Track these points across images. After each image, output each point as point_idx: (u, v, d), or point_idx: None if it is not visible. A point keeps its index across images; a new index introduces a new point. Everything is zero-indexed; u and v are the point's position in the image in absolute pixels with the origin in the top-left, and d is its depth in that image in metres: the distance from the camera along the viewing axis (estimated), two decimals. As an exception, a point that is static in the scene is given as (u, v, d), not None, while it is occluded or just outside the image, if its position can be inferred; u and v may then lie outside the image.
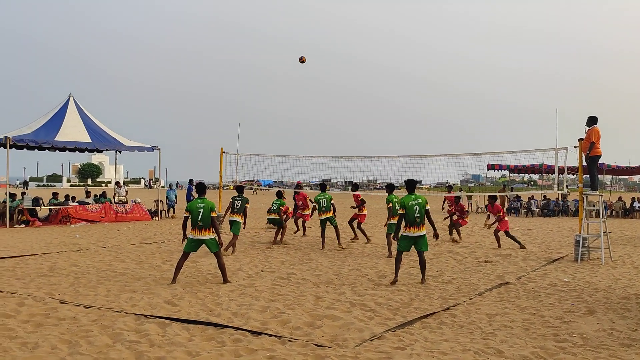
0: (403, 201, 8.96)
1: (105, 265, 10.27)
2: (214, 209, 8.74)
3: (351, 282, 8.96)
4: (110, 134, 21.81)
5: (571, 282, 9.19)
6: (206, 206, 8.66)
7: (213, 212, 8.69)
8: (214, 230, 8.74)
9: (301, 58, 14.78)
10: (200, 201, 8.74)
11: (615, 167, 31.35)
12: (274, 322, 6.30)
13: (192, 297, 7.55)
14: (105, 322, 6.17)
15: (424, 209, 8.86)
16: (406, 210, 8.85)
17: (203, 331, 5.92)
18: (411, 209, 8.81)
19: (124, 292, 7.82)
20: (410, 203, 8.85)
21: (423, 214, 8.85)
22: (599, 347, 5.51)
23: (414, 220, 8.80)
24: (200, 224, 8.64)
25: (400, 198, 9.27)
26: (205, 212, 8.62)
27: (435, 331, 6.08)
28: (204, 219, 8.62)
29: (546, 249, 13.66)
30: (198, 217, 8.62)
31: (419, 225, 8.81)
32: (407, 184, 9.29)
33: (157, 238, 15.33)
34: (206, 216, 8.62)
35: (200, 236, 8.68)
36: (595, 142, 11.66)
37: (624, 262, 11.54)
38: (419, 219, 8.81)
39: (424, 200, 8.94)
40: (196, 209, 8.66)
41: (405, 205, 8.87)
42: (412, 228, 8.81)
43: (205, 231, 8.67)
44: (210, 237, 8.71)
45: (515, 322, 6.51)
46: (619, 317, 6.79)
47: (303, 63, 14.71)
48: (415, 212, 8.79)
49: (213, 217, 8.68)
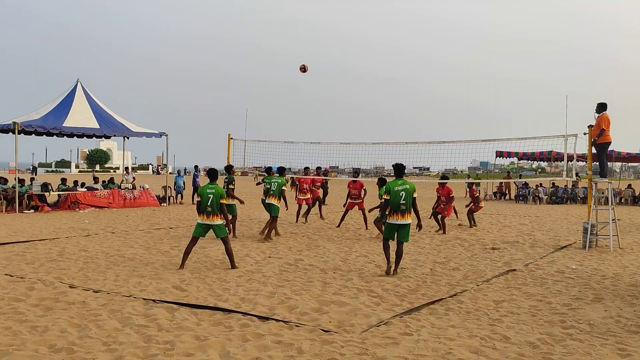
0: (388, 186, 8.43)
1: (114, 251, 10.34)
2: (223, 195, 8.83)
3: (358, 268, 8.98)
4: (118, 119, 21.84)
5: (579, 269, 9.16)
6: (216, 192, 8.74)
7: (223, 199, 8.78)
8: (222, 216, 8.81)
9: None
10: (211, 187, 8.81)
11: (625, 154, 31.05)
12: (282, 307, 6.33)
13: (200, 283, 7.60)
14: (114, 307, 6.23)
15: (410, 196, 8.31)
16: (390, 195, 8.34)
17: (211, 316, 5.96)
18: (396, 194, 8.29)
19: (132, 277, 7.89)
20: (396, 188, 8.32)
21: (409, 201, 8.31)
22: (606, 334, 5.50)
23: (398, 207, 8.28)
24: (209, 210, 8.72)
25: (387, 182, 8.72)
26: (214, 198, 8.71)
27: (442, 317, 6.09)
28: (212, 205, 8.70)
29: (554, 236, 13.61)
30: (207, 202, 8.71)
31: (403, 212, 8.29)
32: (395, 168, 8.72)
33: (165, 224, 15.42)
34: (215, 202, 8.71)
35: (209, 221, 8.76)
36: (605, 128, 11.55)
37: (632, 250, 11.49)
38: (404, 206, 8.28)
39: (411, 187, 8.38)
40: (206, 194, 8.75)
41: (390, 190, 8.35)
42: (396, 215, 8.31)
43: (213, 217, 8.74)
44: (218, 223, 8.78)
45: (522, 308, 6.50)
46: (627, 304, 6.77)
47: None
48: (401, 199, 8.26)
49: (222, 204, 8.77)
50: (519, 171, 53.49)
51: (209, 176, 9.06)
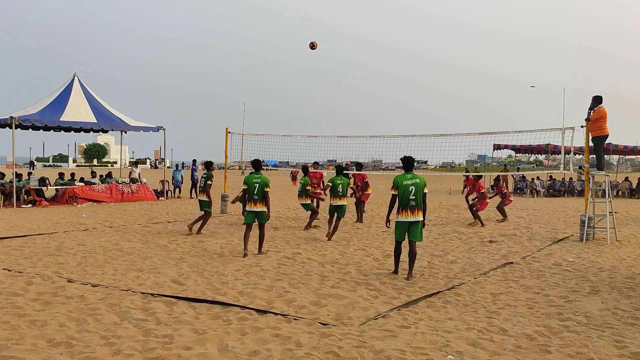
0: (397, 180, 7.88)
1: (112, 245, 10.35)
2: (268, 184, 9.54)
3: (356, 261, 9.00)
4: (116, 114, 21.80)
5: (576, 261, 9.20)
6: (261, 181, 9.47)
7: (267, 187, 9.49)
8: (265, 204, 9.49)
9: (312, 44, 14.39)
10: (257, 176, 9.53)
11: (623, 147, 31.09)
12: (280, 300, 6.35)
13: (198, 276, 7.62)
14: (112, 301, 6.24)
15: (421, 191, 7.72)
16: (399, 190, 7.78)
17: (209, 310, 5.98)
18: (405, 189, 7.71)
19: (130, 271, 7.90)
20: (405, 183, 7.75)
21: (420, 197, 7.71)
22: (603, 326, 5.53)
23: (408, 203, 7.69)
24: (255, 197, 9.44)
25: (395, 176, 8.10)
26: (260, 187, 9.43)
27: (440, 310, 6.11)
28: (259, 193, 9.41)
29: (551, 229, 13.65)
30: (254, 191, 9.42)
31: (413, 209, 7.68)
32: (404, 161, 8.12)
33: (163, 218, 15.42)
34: (261, 190, 9.41)
35: (256, 208, 9.46)
36: (600, 121, 11.52)
37: (629, 242, 11.53)
38: (414, 202, 7.68)
39: (422, 181, 7.78)
40: (252, 184, 9.46)
41: (399, 185, 7.79)
42: (405, 212, 7.72)
43: (260, 204, 9.45)
44: (263, 210, 9.48)
45: (519, 301, 6.53)
46: (624, 296, 6.80)
47: (314, 49, 14.31)
48: (410, 194, 7.67)
49: (266, 192, 9.49)
50: (516, 164, 53.51)
51: (253, 166, 9.95)
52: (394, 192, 7.88)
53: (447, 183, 40.23)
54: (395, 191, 7.85)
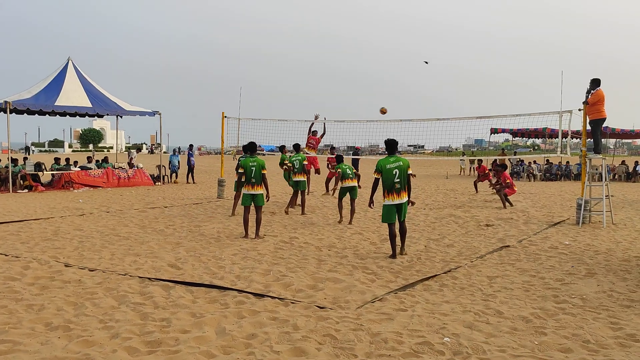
0: (380, 164, 8.00)
1: (109, 230, 10.34)
2: (264, 166, 9.61)
3: (353, 245, 9.02)
4: (111, 98, 21.65)
5: (572, 244, 9.23)
6: (258, 164, 9.55)
7: (264, 170, 9.57)
8: (264, 186, 9.59)
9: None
10: (253, 159, 9.62)
11: (620, 131, 31.12)
12: (277, 284, 6.37)
13: (196, 261, 7.62)
14: (110, 285, 6.25)
15: (405, 173, 7.88)
16: (383, 174, 7.92)
17: (206, 293, 5.99)
18: (389, 172, 7.85)
19: (128, 256, 7.90)
20: (388, 166, 7.88)
21: (404, 179, 7.88)
22: (599, 308, 5.56)
23: (393, 186, 7.85)
24: (253, 181, 9.53)
25: (378, 160, 8.21)
26: (257, 169, 9.52)
27: (437, 293, 6.14)
28: (256, 176, 9.50)
29: (548, 213, 13.69)
30: (251, 174, 9.51)
31: (399, 191, 7.85)
32: (387, 144, 8.22)
33: (159, 203, 15.39)
34: (258, 173, 9.51)
35: (253, 191, 9.55)
36: (598, 104, 11.49)
37: (625, 225, 11.57)
38: (399, 184, 7.85)
39: (405, 163, 7.94)
40: (249, 167, 9.55)
41: (382, 169, 7.93)
42: (392, 195, 7.88)
43: (257, 187, 9.55)
44: (260, 192, 9.60)
45: (515, 284, 6.56)
46: (619, 279, 6.84)
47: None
48: (395, 177, 7.82)
49: (264, 174, 9.58)
50: (513, 148, 53.53)
51: (249, 150, 9.92)
52: (376, 175, 8.08)
53: (444, 167, 40.28)
54: (378, 175, 8.05)
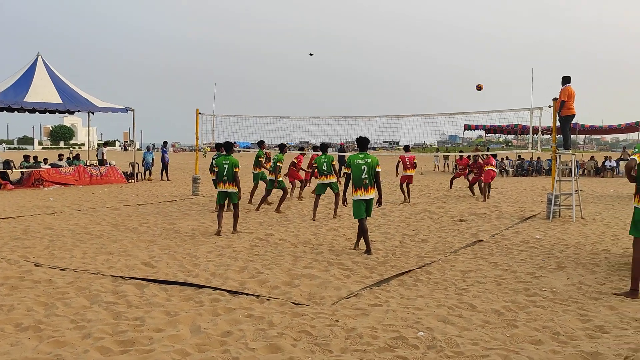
0: (350, 159, 8.19)
1: (81, 228, 10.16)
2: (237, 165, 9.68)
3: (329, 242, 9.04)
4: (82, 94, 21.25)
5: (543, 239, 9.42)
6: (231, 163, 9.68)
7: (236, 168, 9.64)
8: (236, 184, 9.66)
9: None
10: (227, 158, 9.77)
11: (589, 127, 31.84)
12: (252, 281, 6.35)
13: (170, 259, 7.55)
14: (81, 284, 6.14)
15: (373, 170, 8.04)
16: (352, 169, 8.11)
17: (181, 292, 5.94)
18: (358, 168, 8.04)
19: (100, 255, 7.77)
20: (357, 162, 8.07)
21: (372, 175, 8.06)
22: (568, 301, 5.69)
23: (361, 181, 8.02)
24: (225, 178, 9.68)
25: (349, 156, 8.39)
26: (229, 167, 9.64)
27: (411, 288, 6.20)
28: (228, 174, 9.62)
29: (519, 208, 13.93)
30: (224, 172, 9.65)
31: (366, 187, 8.03)
32: (358, 141, 8.40)
33: (133, 200, 15.19)
34: (230, 172, 9.61)
35: (225, 189, 9.71)
36: (567, 101, 11.75)
37: (594, 220, 11.85)
38: (367, 180, 8.03)
39: (374, 160, 8.08)
40: (222, 165, 9.71)
41: (352, 164, 8.12)
42: (360, 190, 8.05)
43: (229, 184, 9.68)
44: (233, 190, 9.71)
45: (488, 277, 6.67)
46: (588, 271, 7.01)
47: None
48: (363, 173, 8.01)
49: (236, 173, 9.62)
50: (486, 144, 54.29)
51: (224, 148, 10.05)
52: (347, 170, 8.27)
53: (419, 163, 40.61)
54: (349, 170, 8.22)
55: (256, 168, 14.18)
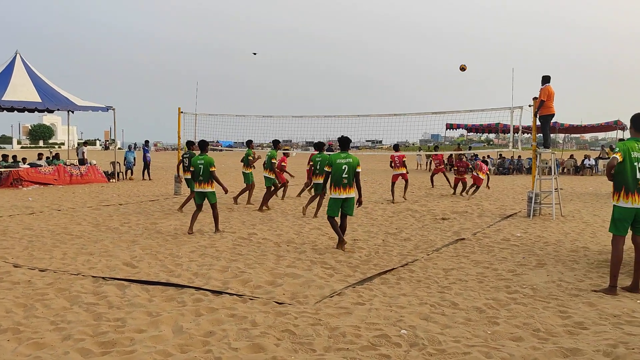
0: (331, 158, 8.31)
1: (61, 228, 10.02)
2: (212, 164, 9.51)
3: (312, 241, 9.04)
4: (62, 93, 20.97)
5: (523, 236, 9.54)
6: (205, 162, 9.52)
7: (212, 167, 9.48)
8: (213, 183, 9.56)
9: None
10: (201, 157, 9.60)
11: (568, 125, 32.28)
12: (235, 281, 6.32)
13: (152, 259, 7.48)
14: (61, 285, 6.06)
15: (353, 170, 8.16)
16: (332, 168, 8.22)
17: (163, 292, 5.89)
18: (339, 167, 8.16)
19: (80, 255, 7.68)
20: (338, 161, 8.19)
21: (352, 175, 8.17)
22: (548, 298, 5.77)
23: (341, 180, 8.14)
24: (201, 178, 9.54)
25: (330, 155, 8.53)
26: (204, 167, 9.48)
27: (394, 286, 6.23)
28: (204, 174, 9.46)
29: (500, 206, 14.09)
30: (200, 172, 9.51)
31: (345, 186, 8.15)
32: (340, 141, 8.53)
33: (114, 200, 15.02)
34: (206, 171, 9.46)
35: (201, 189, 9.58)
36: (546, 100, 11.91)
37: (573, 217, 12.03)
38: (347, 180, 8.14)
39: (355, 160, 8.19)
40: (197, 165, 9.55)
41: (332, 163, 8.23)
42: (339, 189, 8.18)
43: (205, 184, 9.54)
44: (210, 190, 9.56)
45: (470, 275, 6.73)
46: (568, 269, 7.11)
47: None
48: (343, 173, 8.13)
49: (212, 172, 9.50)
50: (468, 143, 54.78)
51: (199, 147, 9.82)
52: (327, 169, 8.37)
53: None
54: (329, 169, 8.33)
55: (247, 167, 14.10)
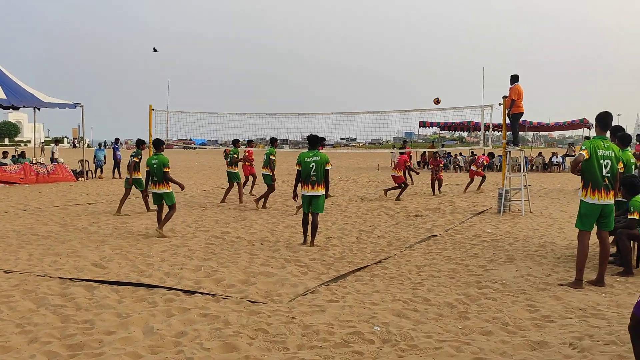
0: (300, 157, 8.44)
1: (27, 229, 9.77)
2: (167, 164, 9.15)
3: (286, 239, 9.01)
4: (27, 89, 20.42)
5: (494, 232, 9.69)
6: (159, 162, 9.13)
7: (166, 168, 9.11)
8: (169, 183, 9.17)
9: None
10: (155, 157, 9.22)
11: (537, 124, 32.92)
12: (208, 280, 6.26)
13: (122, 259, 7.35)
14: (27, 287, 5.90)
15: (322, 167, 8.23)
16: (301, 166, 8.31)
17: (133, 292, 5.79)
18: (307, 165, 8.24)
19: (47, 256, 7.49)
20: (306, 159, 8.28)
21: (320, 172, 8.23)
22: (517, 292, 5.87)
23: (309, 178, 8.23)
24: (155, 179, 9.18)
25: (299, 153, 8.66)
26: (158, 167, 9.09)
27: (367, 283, 6.25)
28: (158, 175, 9.10)
29: (472, 203, 14.29)
30: (153, 172, 9.15)
31: (314, 184, 8.23)
32: (309, 139, 8.69)
33: (83, 199, 14.72)
34: (159, 172, 9.08)
35: (157, 190, 9.20)
36: (516, 99, 12.12)
37: (541, 213, 12.29)
38: (315, 177, 8.22)
39: (323, 158, 8.29)
40: (152, 165, 9.17)
41: (301, 161, 8.33)
42: (307, 186, 8.27)
43: (160, 185, 9.17)
44: (166, 191, 9.18)
45: (442, 271, 6.81)
46: (536, 263, 7.26)
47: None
48: (311, 170, 8.21)
49: (166, 172, 9.11)
50: (441, 141, 55.36)
51: (154, 146, 9.47)
52: (298, 167, 8.43)
53: (376, 160, 41.06)
54: (299, 167, 8.39)
55: (232, 167, 13.88)
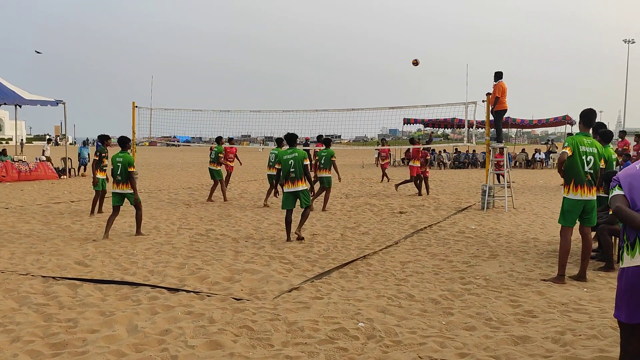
0: (280, 155, 8.75)
1: (8, 227, 9.64)
2: (132, 164, 8.77)
3: (270, 236, 9.01)
4: (8, 86, 20.11)
5: (477, 229, 9.78)
6: (124, 160, 8.73)
7: (130, 167, 8.72)
8: (131, 185, 8.72)
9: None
10: (120, 155, 8.80)
11: (520, 121, 33.27)
12: (192, 278, 6.24)
13: (105, 257, 7.29)
14: (9, 286, 5.83)
15: (300, 163, 8.44)
16: (282, 164, 8.56)
17: (117, 291, 5.75)
18: (286, 163, 8.48)
19: (29, 254, 7.41)
20: (285, 157, 8.53)
21: (299, 169, 8.43)
22: (500, 288, 5.94)
23: (288, 175, 8.45)
24: (118, 178, 8.73)
25: (279, 152, 8.78)
26: (122, 166, 8.70)
27: (352, 280, 6.28)
28: (122, 173, 8.69)
29: (456, 199, 14.40)
30: (117, 171, 8.72)
31: (294, 180, 8.45)
32: (286, 138, 8.99)
33: (65, 197, 14.56)
34: (123, 171, 8.68)
35: (119, 190, 8.77)
36: (500, 96, 12.22)
37: (524, 209, 12.42)
38: (294, 174, 8.43)
39: (301, 154, 8.53)
40: (116, 163, 8.77)
41: (281, 160, 8.61)
42: (287, 183, 8.51)
43: (123, 185, 8.75)
44: (129, 191, 8.74)
45: (426, 268, 6.86)
46: (519, 259, 7.34)
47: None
48: (290, 167, 8.44)
49: (130, 172, 8.71)
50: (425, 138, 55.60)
51: (119, 144, 9.04)
52: (278, 166, 8.73)
53: (360, 157, 41.14)
54: (279, 165, 8.68)
55: (215, 165, 13.73)
